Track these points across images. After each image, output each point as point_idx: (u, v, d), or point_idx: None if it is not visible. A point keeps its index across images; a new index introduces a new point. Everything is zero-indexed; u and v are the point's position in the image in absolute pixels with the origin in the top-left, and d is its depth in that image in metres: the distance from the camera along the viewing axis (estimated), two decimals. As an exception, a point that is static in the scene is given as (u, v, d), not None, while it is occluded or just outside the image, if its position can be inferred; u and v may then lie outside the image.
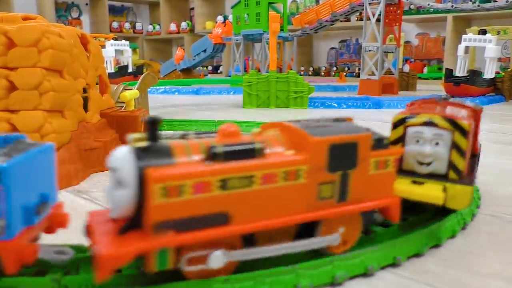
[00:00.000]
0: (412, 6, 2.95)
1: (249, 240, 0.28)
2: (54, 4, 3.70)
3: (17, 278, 0.28)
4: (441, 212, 0.38)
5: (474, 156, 0.43)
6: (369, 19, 1.90)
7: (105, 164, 0.57)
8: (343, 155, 0.29)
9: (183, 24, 4.17)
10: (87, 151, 0.56)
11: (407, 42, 3.18)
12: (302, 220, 0.29)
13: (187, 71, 2.76)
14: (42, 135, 0.50)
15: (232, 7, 2.49)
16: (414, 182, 0.36)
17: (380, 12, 1.86)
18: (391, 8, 1.94)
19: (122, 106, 0.76)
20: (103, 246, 0.24)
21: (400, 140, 0.37)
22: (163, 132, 0.84)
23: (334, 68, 3.53)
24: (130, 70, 2.42)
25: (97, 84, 0.66)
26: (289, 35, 2.42)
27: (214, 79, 2.85)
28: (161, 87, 2.11)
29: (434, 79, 2.84)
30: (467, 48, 1.69)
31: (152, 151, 0.26)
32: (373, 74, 1.90)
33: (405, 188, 0.35)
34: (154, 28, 4.47)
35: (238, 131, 0.28)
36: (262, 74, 1.44)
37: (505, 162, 0.67)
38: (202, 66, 3.38)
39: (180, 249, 0.26)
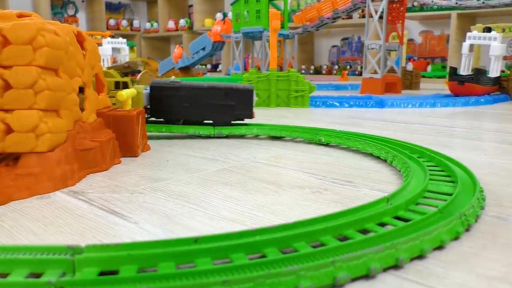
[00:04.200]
0: (415, 3, 2.93)
1: None
2: (50, 1, 3.70)
3: (12, 280, 0.28)
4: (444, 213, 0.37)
5: None
6: (372, 17, 1.89)
7: (102, 164, 0.56)
8: None
9: (182, 22, 4.16)
10: (83, 151, 0.55)
11: (410, 40, 3.16)
12: None
13: (186, 70, 2.75)
14: (37, 135, 0.49)
15: (231, 4, 2.48)
16: None
17: (383, 9, 1.84)
18: (394, 5, 1.92)
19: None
20: None
21: None
22: (161, 134, 0.84)
23: (336, 67, 3.51)
24: (128, 68, 2.41)
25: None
26: (290, 32, 2.40)
27: (213, 78, 2.84)
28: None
29: (438, 77, 2.83)
30: (471, 46, 1.68)
31: None
32: (375, 72, 1.89)
33: None
34: (152, 25, 4.46)
35: None
36: (262, 73, 1.43)
37: (510, 162, 0.66)
38: (201, 65, 3.37)
39: None
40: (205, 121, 0.86)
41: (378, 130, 0.95)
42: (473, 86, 1.59)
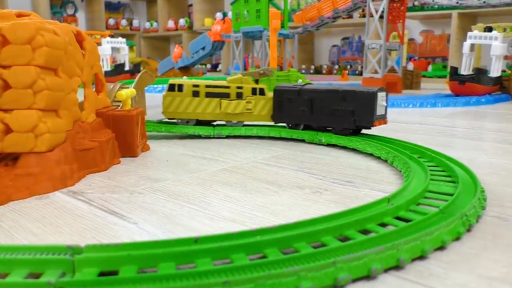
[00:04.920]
0: (416, 3, 2.93)
1: None
2: (49, 1, 3.70)
3: (12, 280, 0.28)
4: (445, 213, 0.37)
5: None
6: (372, 16, 1.88)
7: (101, 164, 0.56)
8: None
9: (181, 21, 4.15)
10: (83, 151, 0.55)
11: (411, 40, 3.16)
12: None
13: (186, 69, 2.75)
14: (36, 135, 0.49)
15: (231, 4, 2.47)
16: None
17: (384, 8, 1.84)
18: (395, 5, 1.92)
19: (119, 105, 0.75)
20: None
21: None
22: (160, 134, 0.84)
23: (336, 66, 3.51)
24: (127, 68, 2.42)
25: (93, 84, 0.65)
26: (290, 32, 2.40)
27: (213, 77, 2.84)
28: (158, 86, 2.10)
29: (439, 77, 2.82)
30: (472, 45, 1.67)
31: None
32: (376, 72, 1.89)
33: None
34: (151, 25, 4.45)
35: None
36: (263, 72, 1.42)
37: (511, 162, 0.66)
38: (200, 64, 3.37)
39: None
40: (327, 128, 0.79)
41: (379, 130, 0.95)
42: (474, 86, 1.58)
